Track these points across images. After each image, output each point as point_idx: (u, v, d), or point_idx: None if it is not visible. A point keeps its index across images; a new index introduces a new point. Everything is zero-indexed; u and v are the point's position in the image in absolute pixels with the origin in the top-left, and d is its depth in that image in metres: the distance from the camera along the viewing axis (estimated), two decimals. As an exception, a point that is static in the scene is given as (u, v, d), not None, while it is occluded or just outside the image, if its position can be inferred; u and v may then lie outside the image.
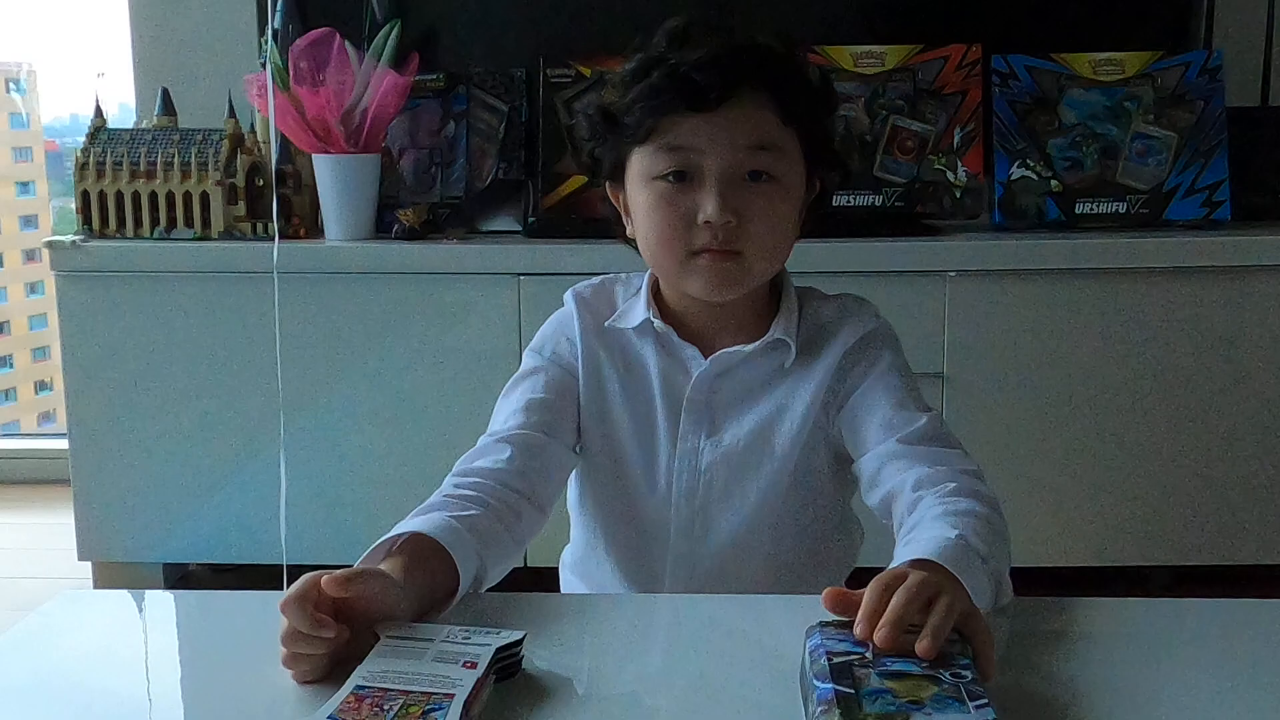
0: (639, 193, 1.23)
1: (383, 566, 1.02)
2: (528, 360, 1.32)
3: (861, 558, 1.38)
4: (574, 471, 1.33)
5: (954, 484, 1.13)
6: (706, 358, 1.27)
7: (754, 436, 1.26)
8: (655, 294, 1.30)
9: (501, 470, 1.20)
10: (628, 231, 1.28)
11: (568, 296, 1.33)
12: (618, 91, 1.23)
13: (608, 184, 1.29)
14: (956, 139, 2.59)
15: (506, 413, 1.27)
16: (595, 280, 1.34)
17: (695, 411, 1.27)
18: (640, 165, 1.22)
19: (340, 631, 0.92)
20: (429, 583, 1.03)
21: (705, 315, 1.27)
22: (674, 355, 1.28)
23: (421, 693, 0.85)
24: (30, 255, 4.62)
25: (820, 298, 1.32)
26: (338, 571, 0.94)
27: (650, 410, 1.28)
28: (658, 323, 1.27)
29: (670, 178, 1.20)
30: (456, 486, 1.18)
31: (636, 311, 1.29)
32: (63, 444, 2.65)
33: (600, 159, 1.27)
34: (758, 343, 1.26)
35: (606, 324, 1.30)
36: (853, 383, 1.26)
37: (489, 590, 1.12)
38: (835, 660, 0.85)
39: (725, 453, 1.27)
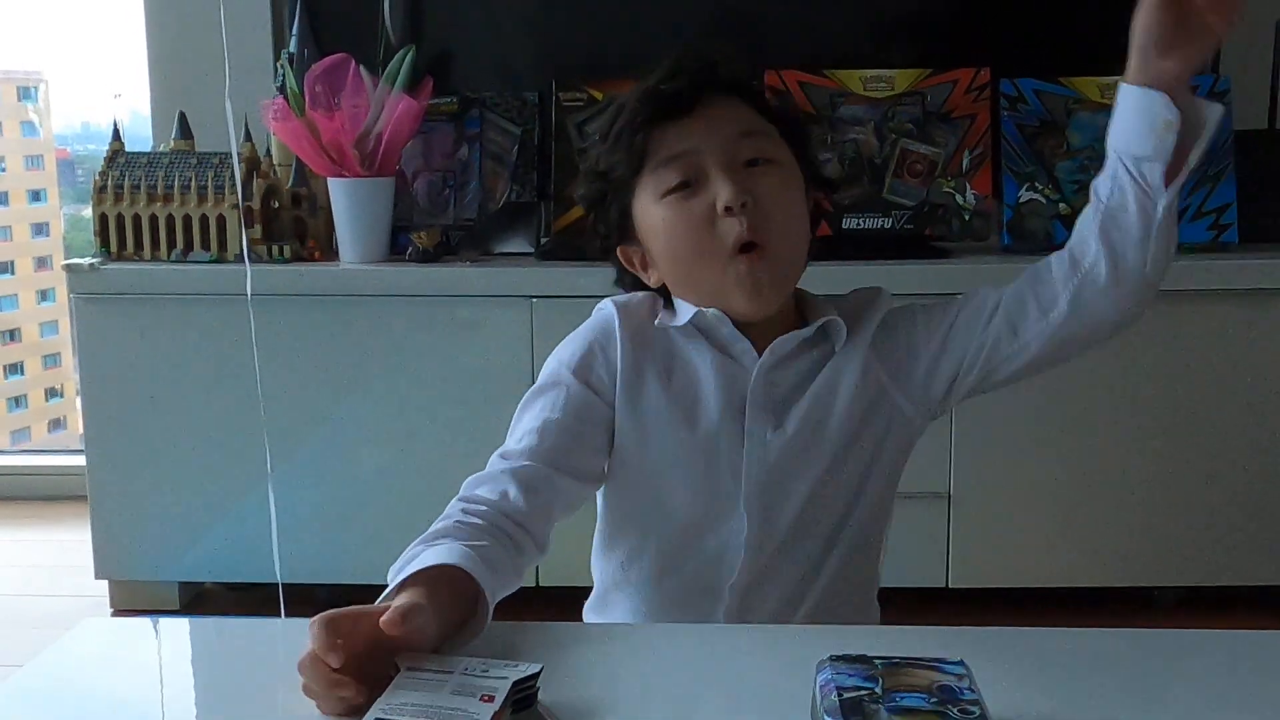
0: (652, 218, 1.25)
1: (409, 595, 1.04)
2: (552, 372, 1.29)
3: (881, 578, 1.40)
4: (601, 510, 1.33)
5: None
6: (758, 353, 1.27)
7: (814, 420, 1.27)
8: None
9: (505, 504, 1.21)
10: (653, 281, 1.29)
11: (606, 304, 1.32)
12: (599, 148, 1.28)
13: (619, 250, 1.31)
14: (965, 162, 2.61)
15: (521, 431, 1.27)
16: (628, 295, 1.34)
17: (758, 405, 1.26)
18: (647, 191, 1.24)
19: (357, 693, 0.92)
20: (452, 615, 1.05)
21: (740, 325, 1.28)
22: (728, 351, 1.27)
23: None
24: (41, 263, 4.64)
25: (838, 298, 1.34)
26: (391, 610, 0.95)
27: (700, 412, 1.27)
28: (711, 312, 1.25)
29: (679, 189, 1.23)
30: (465, 513, 1.19)
31: (684, 311, 1.28)
32: (79, 460, 2.68)
33: (608, 223, 1.29)
34: (810, 327, 1.27)
35: (657, 323, 1.29)
36: (903, 345, 1.28)
37: (506, 620, 1.14)
38: (845, 696, 0.86)
39: (790, 441, 1.27)
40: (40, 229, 4.64)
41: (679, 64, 1.24)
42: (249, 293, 2.35)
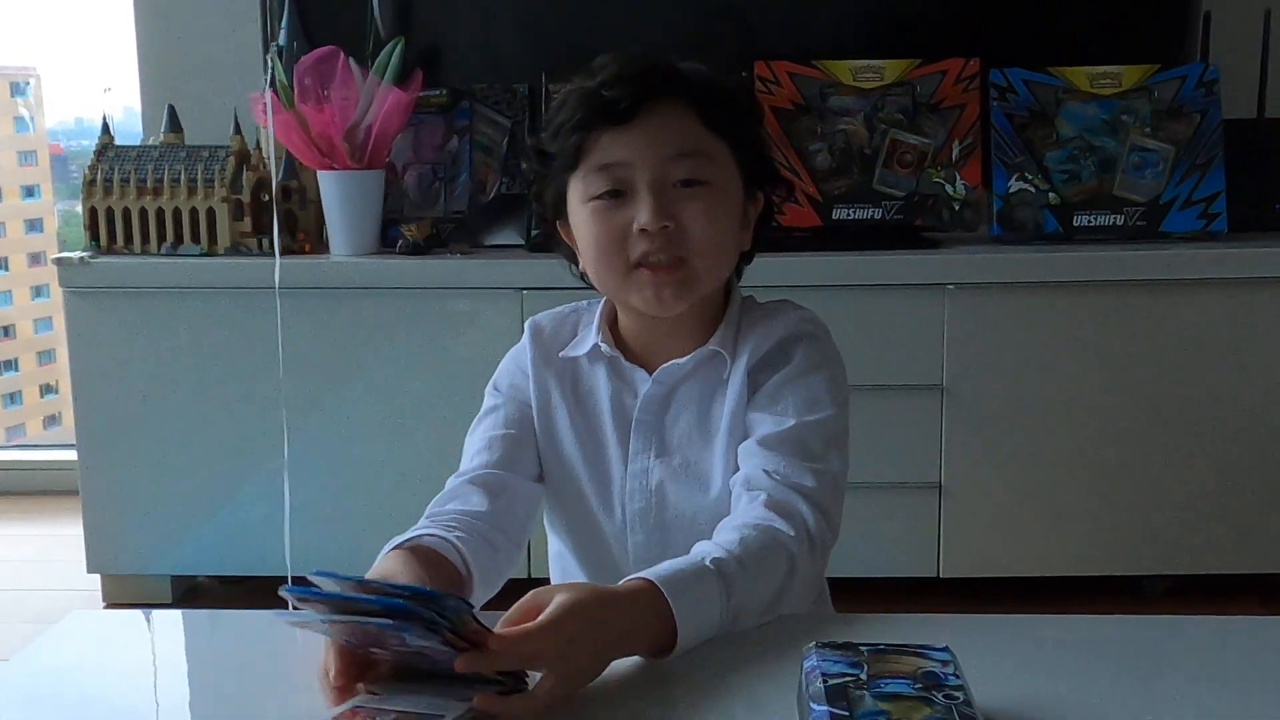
0: (578, 216, 1.24)
1: (392, 565, 1.07)
2: (488, 398, 1.34)
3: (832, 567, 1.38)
4: (544, 500, 1.35)
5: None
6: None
7: (702, 450, 1.27)
8: (612, 320, 1.31)
9: (474, 511, 1.22)
10: (581, 265, 1.29)
11: (526, 327, 1.35)
12: (544, 132, 1.27)
13: (558, 224, 1.30)
14: (955, 152, 2.61)
15: (472, 452, 1.30)
16: (562, 309, 1.35)
17: (643, 432, 1.28)
18: (577, 191, 1.24)
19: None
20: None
21: (656, 333, 1.28)
22: (623, 378, 1.29)
23: (416, 714, 0.89)
24: (35, 259, 4.64)
25: (755, 306, 1.32)
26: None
27: (601, 436, 1.30)
28: (604, 347, 1.28)
29: (605, 196, 1.21)
30: (434, 522, 1.20)
31: (587, 338, 1.30)
32: (71, 455, 2.68)
33: (544, 198, 1.29)
34: (691, 355, 1.27)
35: (560, 354, 1.31)
36: (761, 382, 1.26)
37: (496, 610, 1.14)
38: (831, 682, 0.87)
39: (675, 470, 1.27)
40: (34, 225, 4.64)
41: (623, 70, 1.21)
42: (276, 284, 2.38)
